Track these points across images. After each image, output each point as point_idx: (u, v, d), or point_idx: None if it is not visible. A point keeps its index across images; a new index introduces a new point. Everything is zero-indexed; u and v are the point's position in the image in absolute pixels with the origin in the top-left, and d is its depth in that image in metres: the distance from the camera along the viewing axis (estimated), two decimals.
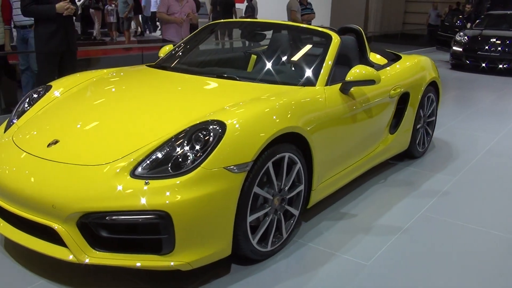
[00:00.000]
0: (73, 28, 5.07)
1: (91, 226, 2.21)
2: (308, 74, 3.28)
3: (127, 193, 2.19)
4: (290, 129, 2.65)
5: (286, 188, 2.75)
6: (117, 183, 2.22)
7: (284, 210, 2.81)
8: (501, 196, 3.89)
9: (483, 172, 4.40)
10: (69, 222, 2.20)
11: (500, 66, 10.96)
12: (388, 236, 3.08)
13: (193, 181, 2.23)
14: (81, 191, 2.23)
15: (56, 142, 2.52)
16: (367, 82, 3.23)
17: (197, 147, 2.32)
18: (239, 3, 12.13)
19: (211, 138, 2.34)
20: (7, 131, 2.83)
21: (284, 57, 3.62)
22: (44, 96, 3.09)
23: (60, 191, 2.25)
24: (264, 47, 4.17)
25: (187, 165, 2.27)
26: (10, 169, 2.47)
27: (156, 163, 2.29)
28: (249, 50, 4.36)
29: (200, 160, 2.27)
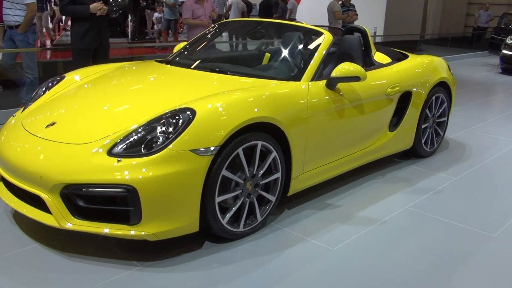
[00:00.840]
0: (106, 27, 5.51)
1: (71, 196, 2.53)
2: (295, 70, 3.48)
3: (101, 169, 2.50)
4: (262, 119, 2.86)
5: (260, 175, 2.96)
6: (94, 160, 2.54)
7: (260, 195, 3.02)
8: (494, 199, 3.86)
9: (486, 175, 4.36)
10: (54, 192, 2.54)
11: None
12: (363, 227, 3.20)
13: (159, 161, 2.50)
14: (64, 165, 2.56)
15: (54, 124, 2.88)
16: (352, 79, 3.37)
17: (168, 131, 2.59)
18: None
19: (180, 123, 2.60)
20: (20, 114, 3.24)
21: (278, 54, 3.83)
22: (57, 85, 3.50)
23: (47, 165, 2.60)
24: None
25: (157, 146, 2.54)
26: (14, 146, 2.85)
27: (131, 144, 2.59)
28: (264, 49, 4.60)
29: (168, 142, 2.54)
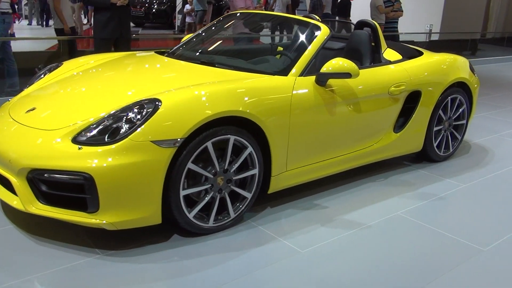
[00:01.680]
0: (128, 17, 5.62)
1: (35, 181, 2.58)
2: (284, 64, 3.36)
3: (62, 155, 2.53)
4: (234, 113, 2.78)
5: (233, 170, 2.89)
6: (58, 146, 2.57)
7: (234, 191, 2.95)
8: (496, 211, 3.53)
9: (498, 185, 4.02)
10: (20, 176, 2.59)
11: None
12: (343, 230, 3.06)
13: (118, 150, 2.49)
14: (31, 150, 2.61)
15: (33, 109, 2.94)
16: (342, 75, 3.22)
17: (133, 121, 2.58)
18: None
19: (145, 113, 2.58)
20: (11, 100, 3.34)
21: (274, 48, 3.72)
22: (52, 73, 3.57)
23: (16, 149, 2.66)
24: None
25: (119, 136, 2.54)
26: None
27: (97, 132, 2.59)
28: (277, 43, 4.52)
29: (130, 132, 2.53)
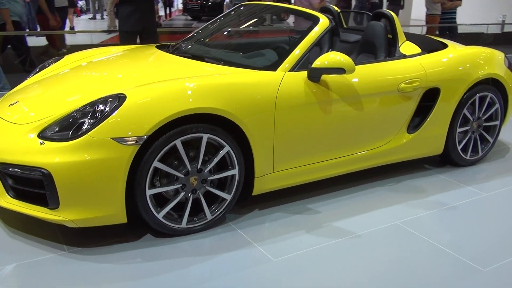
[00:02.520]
0: (151, 11, 5.59)
1: (2, 175, 2.57)
2: (274, 59, 3.15)
3: (25, 150, 2.50)
4: (205, 110, 2.63)
5: (207, 170, 2.75)
6: (23, 141, 2.55)
7: (211, 193, 2.81)
8: (508, 228, 3.10)
9: None
10: None
11: None
12: (328, 239, 2.83)
13: (77, 147, 2.42)
14: (2, 144, 2.61)
15: (16, 103, 2.95)
16: (336, 70, 2.97)
17: (97, 116, 2.50)
18: None
19: (106, 109, 2.49)
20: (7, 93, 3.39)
21: (272, 42, 3.52)
22: (50, 66, 3.58)
23: None
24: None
25: (81, 131, 2.47)
26: None
27: (61, 128, 2.54)
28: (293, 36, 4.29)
29: (90, 128, 2.45)
